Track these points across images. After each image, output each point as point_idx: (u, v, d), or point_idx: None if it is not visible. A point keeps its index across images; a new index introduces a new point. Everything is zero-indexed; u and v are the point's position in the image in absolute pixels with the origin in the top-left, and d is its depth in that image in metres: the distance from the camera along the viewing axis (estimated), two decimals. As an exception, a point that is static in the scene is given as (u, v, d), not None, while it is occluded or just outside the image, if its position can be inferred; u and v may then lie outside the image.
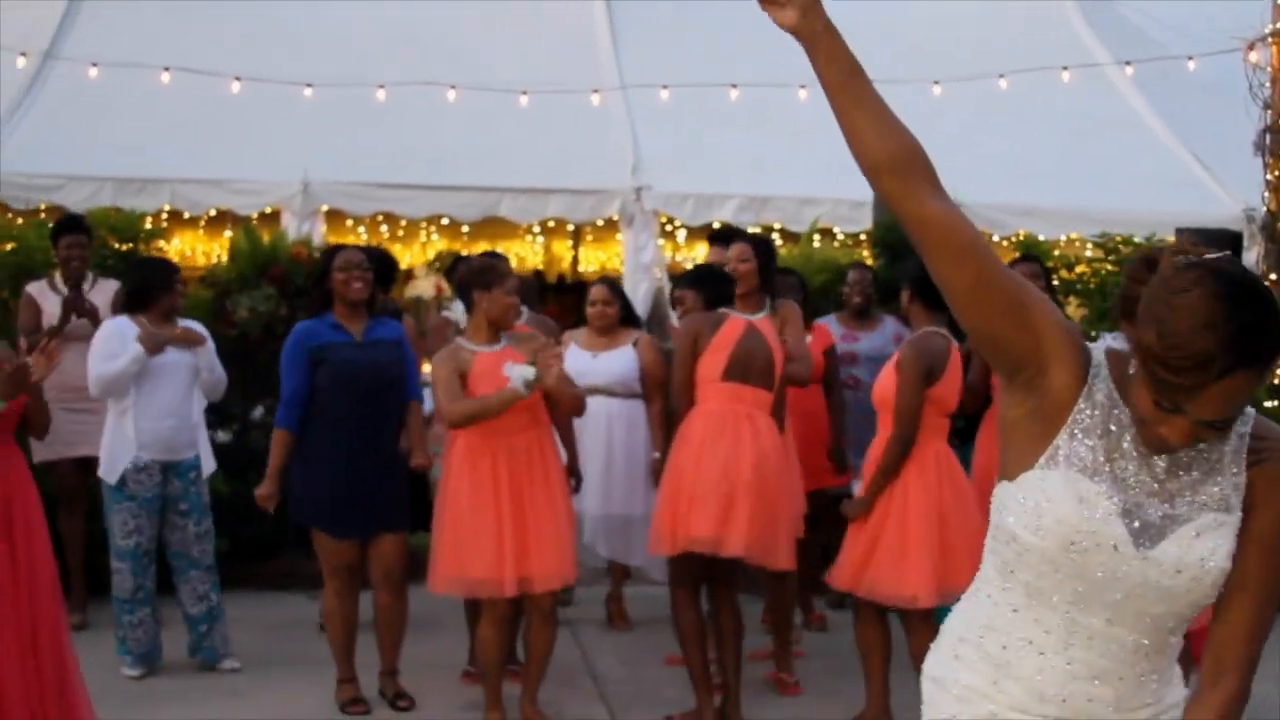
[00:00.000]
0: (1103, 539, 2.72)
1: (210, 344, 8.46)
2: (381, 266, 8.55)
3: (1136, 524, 2.74)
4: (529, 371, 6.88)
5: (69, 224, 9.57)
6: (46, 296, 9.26)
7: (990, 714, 2.89)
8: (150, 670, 8.27)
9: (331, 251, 8.09)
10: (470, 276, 7.37)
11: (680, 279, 8.54)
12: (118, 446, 8.13)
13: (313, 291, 8.02)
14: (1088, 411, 2.77)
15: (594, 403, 8.29)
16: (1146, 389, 2.64)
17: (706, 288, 7.76)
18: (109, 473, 8.14)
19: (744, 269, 7.89)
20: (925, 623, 6.93)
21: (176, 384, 8.23)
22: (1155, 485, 2.77)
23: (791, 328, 8.01)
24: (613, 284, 9.55)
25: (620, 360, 8.91)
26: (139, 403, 8.13)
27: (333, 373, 7.66)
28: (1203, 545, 2.74)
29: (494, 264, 7.41)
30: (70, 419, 8.78)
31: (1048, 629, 2.84)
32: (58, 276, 9.31)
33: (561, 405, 7.30)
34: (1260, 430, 2.83)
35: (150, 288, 8.26)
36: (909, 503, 7.00)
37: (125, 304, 8.35)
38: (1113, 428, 2.77)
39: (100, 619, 8.82)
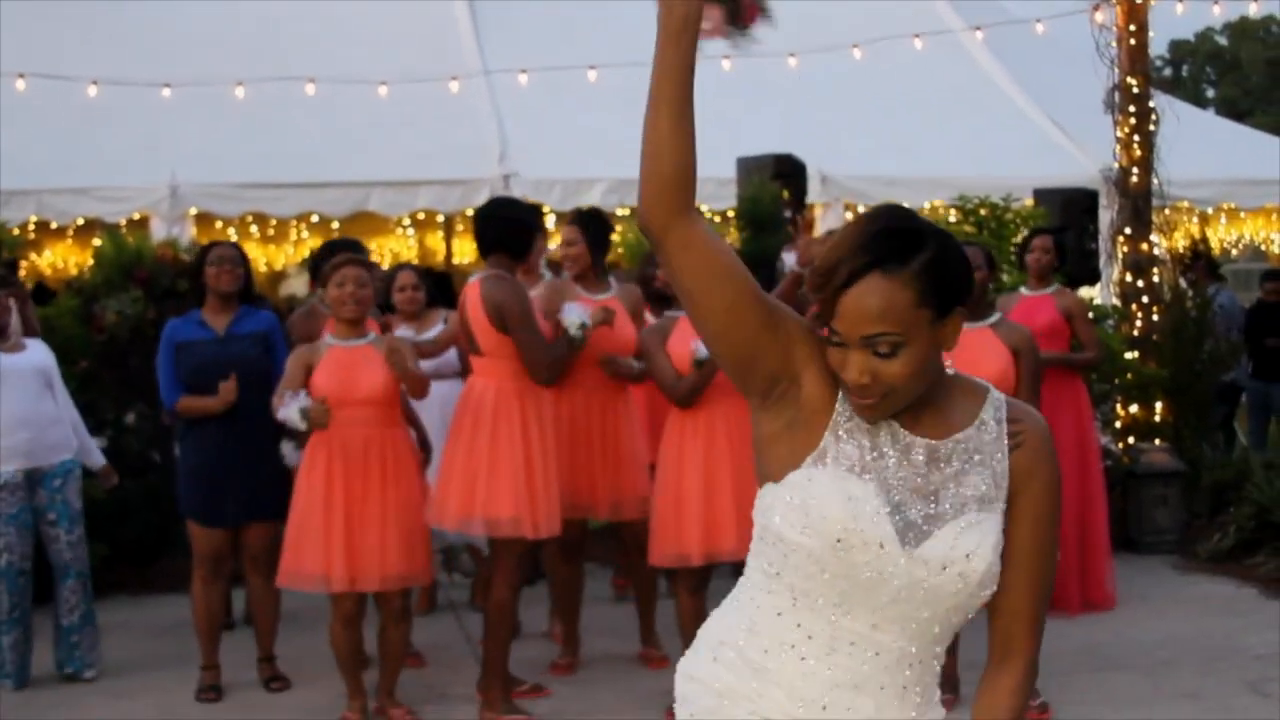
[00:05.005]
0: (870, 537, 2.67)
1: None
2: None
3: (901, 522, 2.70)
4: (301, 408, 6.90)
5: None
6: None
7: (751, 713, 2.81)
8: (23, 684, 8.21)
9: (205, 248, 8.27)
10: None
11: None
12: None
13: (190, 287, 8.23)
14: (846, 412, 2.74)
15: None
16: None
17: None
18: None
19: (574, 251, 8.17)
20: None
21: (25, 392, 8.13)
22: (918, 480, 2.74)
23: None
24: (417, 268, 9.75)
25: None
26: None
27: (189, 369, 7.85)
28: (967, 541, 2.71)
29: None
30: None
31: (811, 634, 2.77)
32: None
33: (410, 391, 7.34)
34: (1015, 414, 2.83)
35: None
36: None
37: None
38: (868, 426, 2.74)
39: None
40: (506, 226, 7.54)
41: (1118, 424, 11.81)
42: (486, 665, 7.48)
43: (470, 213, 14.85)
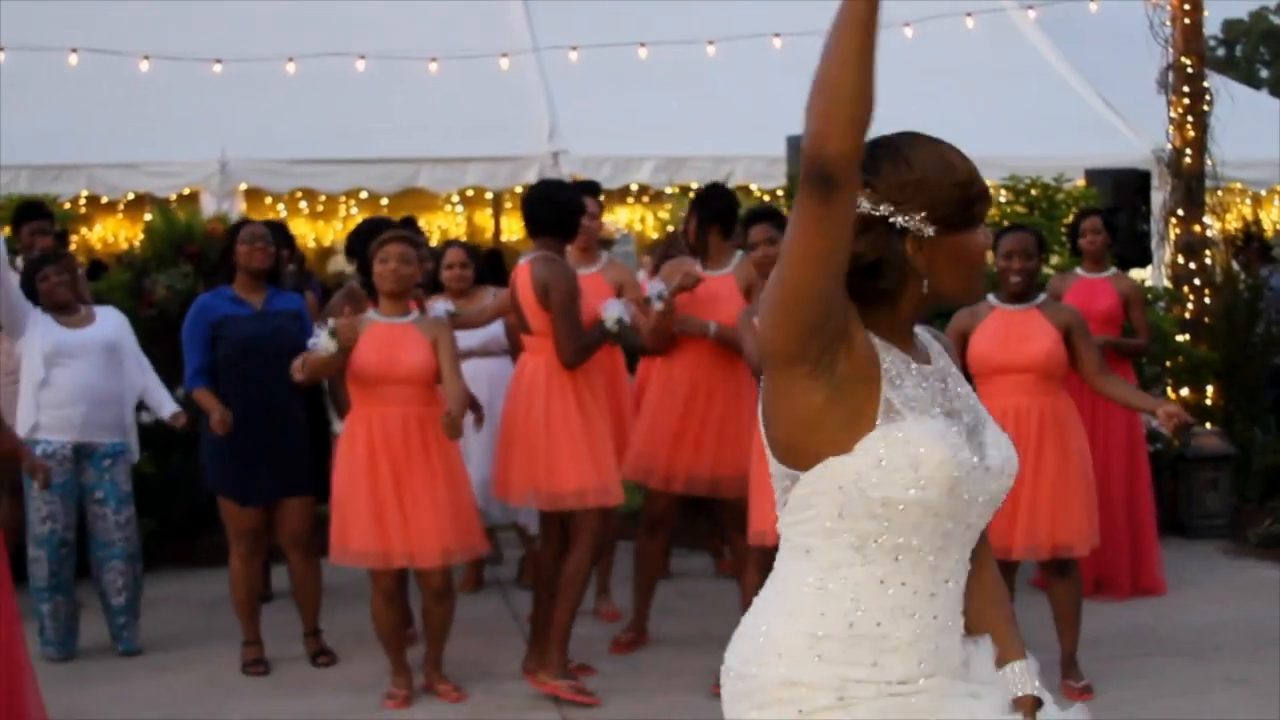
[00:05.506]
0: (968, 465, 2.73)
1: None
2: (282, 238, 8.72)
3: (967, 443, 2.77)
4: (330, 330, 7.04)
5: (32, 210, 9.59)
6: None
7: (880, 692, 2.76)
8: (68, 655, 8.28)
9: (236, 226, 8.34)
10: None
11: None
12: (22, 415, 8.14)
13: (219, 265, 8.23)
14: (888, 358, 2.74)
15: (471, 366, 8.24)
16: (915, 278, 2.76)
17: None
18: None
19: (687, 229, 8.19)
20: None
21: (88, 366, 8.19)
22: (945, 401, 2.81)
23: None
24: (466, 246, 9.64)
25: None
26: (48, 384, 8.12)
27: (231, 344, 7.88)
28: (1003, 437, 2.85)
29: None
30: None
31: (915, 589, 2.77)
32: (19, 261, 9.27)
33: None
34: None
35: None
36: None
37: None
38: (900, 364, 2.77)
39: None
40: (553, 209, 7.57)
41: (1169, 407, 11.72)
42: (552, 632, 7.49)
43: (519, 190, 14.93)
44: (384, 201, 15.79)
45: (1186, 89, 12.18)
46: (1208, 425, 11.40)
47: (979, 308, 7.48)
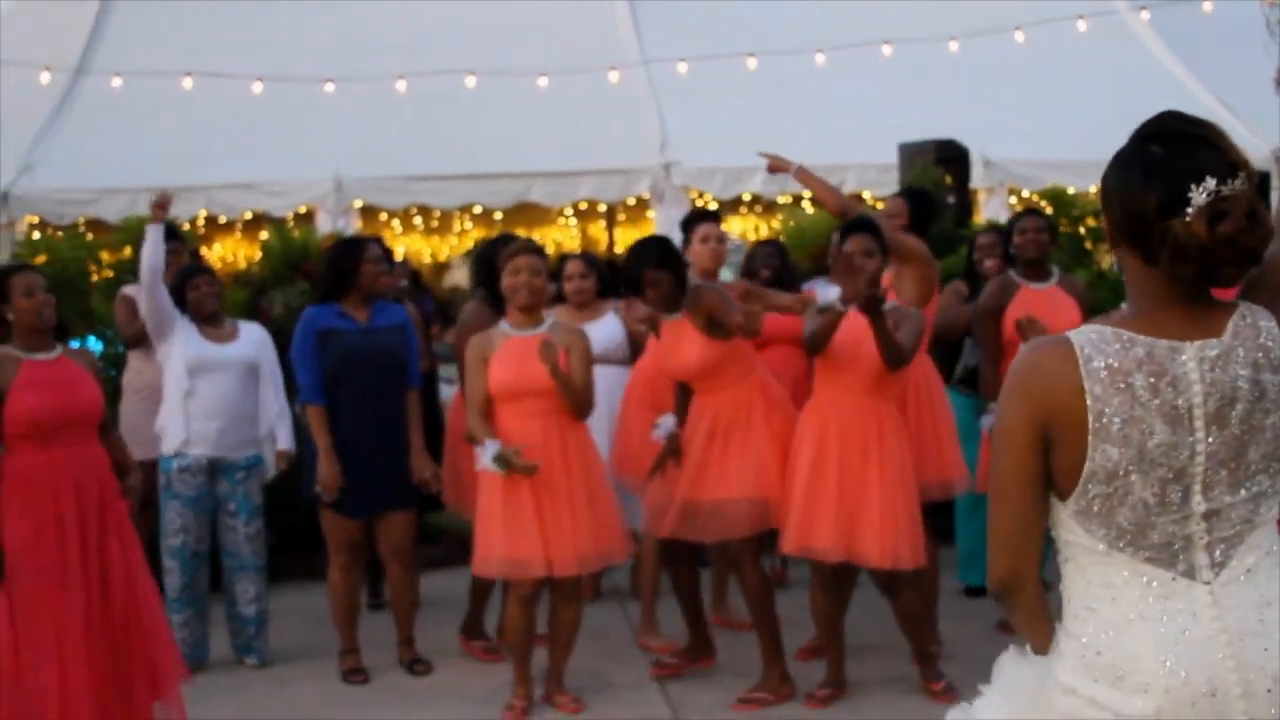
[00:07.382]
0: None
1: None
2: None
3: None
4: (495, 456, 6.98)
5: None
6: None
7: None
8: (196, 668, 8.31)
9: (352, 243, 8.42)
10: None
11: None
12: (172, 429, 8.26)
13: (329, 276, 8.21)
14: None
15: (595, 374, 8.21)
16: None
17: None
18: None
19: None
20: None
21: (226, 383, 8.29)
22: None
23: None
24: (587, 258, 9.47)
25: (607, 328, 8.75)
26: (189, 401, 8.22)
27: (337, 358, 7.94)
28: None
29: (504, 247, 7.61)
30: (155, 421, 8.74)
31: None
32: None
33: (567, 408, 7.24)
34: None
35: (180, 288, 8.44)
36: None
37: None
38: None
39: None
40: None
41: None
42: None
43: (632, 202, 14.98)
44: (498, 216, 15.88)
45: (1305, 86, 12.01)
46: None
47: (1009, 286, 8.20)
